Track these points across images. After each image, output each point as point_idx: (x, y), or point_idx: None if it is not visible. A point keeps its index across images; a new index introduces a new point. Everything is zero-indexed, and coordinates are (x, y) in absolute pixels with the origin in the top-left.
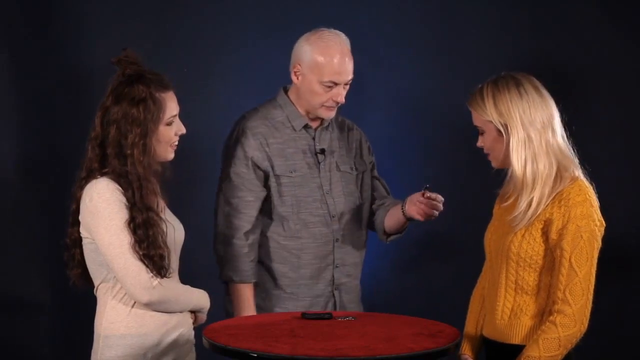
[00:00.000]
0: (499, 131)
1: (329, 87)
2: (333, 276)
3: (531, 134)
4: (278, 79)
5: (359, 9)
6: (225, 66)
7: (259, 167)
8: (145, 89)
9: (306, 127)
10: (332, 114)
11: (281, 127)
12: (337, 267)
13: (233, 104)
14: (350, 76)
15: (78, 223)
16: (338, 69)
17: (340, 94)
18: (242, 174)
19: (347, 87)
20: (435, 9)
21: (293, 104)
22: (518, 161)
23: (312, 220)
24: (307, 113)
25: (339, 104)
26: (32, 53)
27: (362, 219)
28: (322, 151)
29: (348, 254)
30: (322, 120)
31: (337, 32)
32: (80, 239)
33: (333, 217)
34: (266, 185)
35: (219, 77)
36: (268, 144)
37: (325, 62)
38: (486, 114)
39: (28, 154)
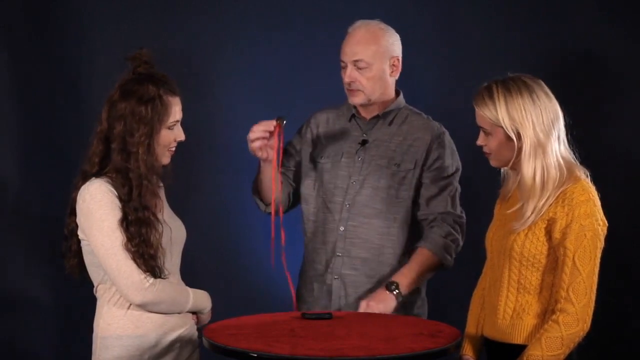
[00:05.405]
0: (508, 136)
1: (342, 67)
2: (334, 265)
3: (543, 141)
4: (278, 78)
5: (359, 9)
6: (225, 66)
7: (295, 149)
8: (155, 90)
9: (355, 117)
10: (354, 99)
11: (339, 118)
12: (338, 256)
13: (233, 104)
14: (353, 57)
15: (75, 213)
16: (342, 47)
17: (346, 75)
18: (287, 148)
19: (361, 70)
20: (436, 8)
21: None
22: (529, 169)
23: (328, 205)
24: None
25: (350, 86)
26: (32, 53)
27: (397, 218)
28: (364, 142)
29: (356, 247)
30: (383, 111)
31: (372, 21)
32: (77, 229)
33: (346, 206)
34: (297, 169)
35: (219, 77)
36: (318, 131)
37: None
38: (497, 119)
39: (28, 154)
